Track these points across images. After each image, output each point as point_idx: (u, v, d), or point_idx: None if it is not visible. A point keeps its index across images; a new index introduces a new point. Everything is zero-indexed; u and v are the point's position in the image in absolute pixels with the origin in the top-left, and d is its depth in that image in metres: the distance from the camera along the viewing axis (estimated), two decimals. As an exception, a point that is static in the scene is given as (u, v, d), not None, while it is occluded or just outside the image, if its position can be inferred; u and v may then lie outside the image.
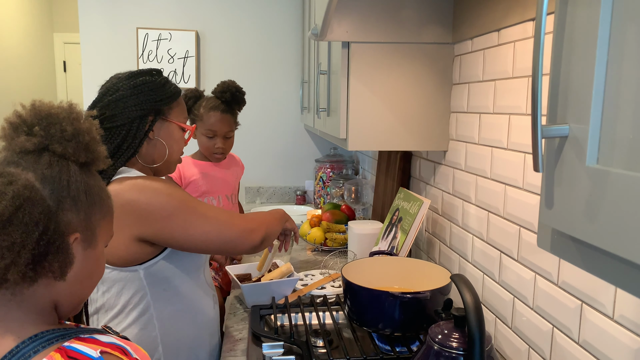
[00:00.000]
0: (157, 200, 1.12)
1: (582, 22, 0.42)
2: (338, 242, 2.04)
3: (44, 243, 0.63)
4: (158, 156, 1.24)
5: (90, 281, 0.74)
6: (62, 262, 0.65)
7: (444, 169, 1.55)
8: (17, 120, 0.67)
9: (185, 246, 1.16)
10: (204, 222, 1.16)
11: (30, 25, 4.77)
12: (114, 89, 1.19)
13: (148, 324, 1.18)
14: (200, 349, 1.27)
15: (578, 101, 0.43)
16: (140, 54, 2.84)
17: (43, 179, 0.65)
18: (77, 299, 0.73)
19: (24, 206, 0.61)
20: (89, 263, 0.71)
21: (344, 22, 1.41)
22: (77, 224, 0.68)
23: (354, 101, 1.47)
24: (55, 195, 0.65)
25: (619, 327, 0.81)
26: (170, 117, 1.24)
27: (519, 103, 1.11)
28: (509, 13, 1.14)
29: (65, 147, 0.68)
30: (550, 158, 0.46)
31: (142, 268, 1.16)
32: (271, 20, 2.94)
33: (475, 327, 0.81)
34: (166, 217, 1.12)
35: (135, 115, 1.17)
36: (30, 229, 0.62)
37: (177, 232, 1.13)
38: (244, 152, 3.02)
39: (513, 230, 1.14)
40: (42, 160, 0.66)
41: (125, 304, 1.16)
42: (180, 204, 1.14)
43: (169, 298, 1.20)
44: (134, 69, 3.05)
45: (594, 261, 0.42)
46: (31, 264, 0.63)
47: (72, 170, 0.68)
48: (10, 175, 0.63)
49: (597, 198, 0.39)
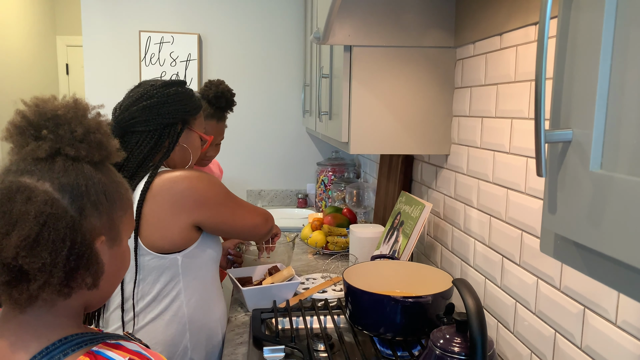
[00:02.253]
0: (213, 188, 1.25)
1: (585, 26, 0.42)
2: (339, 246, 2.04)
3: (74, 258, 0.62)
4: (181, 161, 1.33)
5: (117, 277, 0.73)
6: (93, 273, 0.65)
7: (445, 173, 1.55)
8: (22, 122, 0.64)
9: (227, 230, 1.31)
10: (243, 210, 1.33)
11: (33, 28, 4.78)
12: (148, 95, 1.26)
13: (179, 311, 1.26)
14: (216, 336, 1.35)
15: (581, 106, 0.42)
16: (143, 57, 2.85)
17: (61, 187, 0.62)
18: (105, 295, 0.73)
19: (48, 223, 0.59)
20: (116, 261, 0.71)
21: (346, 26, 1.41)
22: (101, 227, 0.66)
23: (355, 104, 1.47)
24: (77, 204, 0.63)
25: (621, 332, 0.81)
26: (194, 127, 1.34)
27: (521, 107, 1.11)
28: (511, 17, 1.14)
29: (77, 149, 0.65)
30: (553, 163, 0.46)
31: (181, 255, 1.24)
32: (273, 23, 2.95)
33: (477, 331, 0.80)
34: (219, 204, 1.26)
35: (167, 123, 1.26)
36: (58, 246, 0.60)
37: (226, 217, 1.28)
38: (245, 155, 3.03)
39: (515, 235, 1.13)
40: (56, 166, 0.63)
41: (159, 292, 1.24)
42: (227, 193, 1.30)
43: (197, 286, 1.29)
44: (137, 72, 3.03)
45: (597, 267, 0.42)
46: (65, 280, 0.62)
47: (89, 173, 0.66)
48: (29, 190, 0.60)
49: (601, 203, 0.39)
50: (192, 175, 1.22)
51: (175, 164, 1.33)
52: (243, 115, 2.98)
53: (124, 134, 1.23)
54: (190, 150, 1.33)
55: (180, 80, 1.34)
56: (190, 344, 1.27)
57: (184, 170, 1.24)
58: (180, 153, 1.32)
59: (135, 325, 1.23)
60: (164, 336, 1.23)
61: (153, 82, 1.30)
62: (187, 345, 1.26)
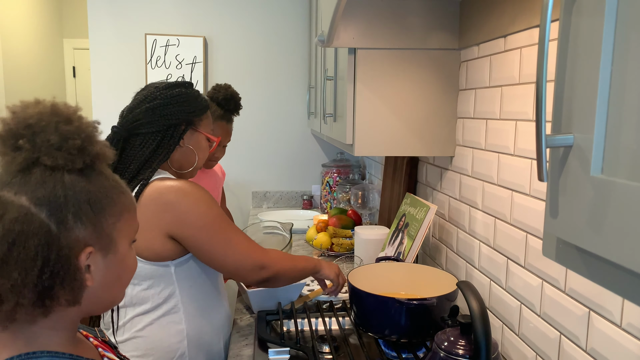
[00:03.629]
0: (197, 209, 1.18)
1: (586, 31, 0.42)
2: (344, 248, 2.04)
3: (47, 277, 0.58)
4: (186, 163, 1.32)
5: (120, 283, 0.70)
6: (71, 290, 0.61)
7: (450, 175, 1.55)
8: (3, 131, 0.60)
9: (203, 258, 1.22)
10: (227, 246, 1.21)
11: (40, 31, 4.82)
12: (151, 97, 1.25)
13: (176, 318, 1.25)
14: (217, 344, 1.33)
15: (582, 110, 0.43)
16: (149, 59, 2.87)
17: (37, 200, 0.59)
18: (108, 303, 0.70)
19: (17, 242, 0.57)
20: (114, 268, 0.67)
21: (350, 29, 1.42)
22: (88, 238, 0.62)
23: (360, 107, 1.47)
24: (56, 217, 0.59)
25: (626, 335, 0.81)
26: (199, 128, 1.32)
27: (526, 109, 1.11)
28: (516, 19, 1.14)
29: (55, 158, 0.60)
30: (554, 167, 0.46)
31: (174, 264, 1.22)
32: (278, 25, 2.96)
33: (481, 334, 0.80)
34: (199, 228, 1.18)
35: (170, 124, 1.25)
36: (28, 265, 0.57)
37: (202, 244, 1.19)
38: (251, 156, 3.04)
39: (520, 237, 1.13)
40: (32, 178, 0.60)
41: (155, 299, 1.23)
42: (213, 220, 1.20)
43: (195, 294, 1.27)
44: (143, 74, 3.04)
45: (600, 271, 0.42)
46: (38, 300, 0.59)
47: (68, 182, 0.61)
48: (3, 205, 0.58)
49: (602, 208, 0.39)
50: (182, 189, 1.18)
51: (181, 165, 1.31)
52: (248, 117, 2.99)
53: (129, 136, 1.24)
54: (195, 151, 1.32)
55: (186, 81, 1.32)
56: (188, 352, 1.25)
57: (180, 182, 1.20)
58: (184, 154, 1.30)
59: (132, 329, 1.22)
60: (160, 342, 1.22)
61: (158, 84, 1.30)
62: (185, 353, 1.25)
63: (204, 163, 1.85)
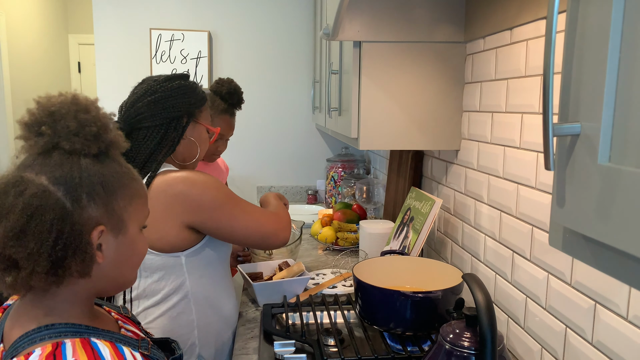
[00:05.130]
0: (208, 193, 1.22)
1: (593, 20, 0.42)
2: (349, 242, 2.04)
3: (60, 248, 0.64)
4: (189, 155, 1.33)
5: (130, 263, 0.75)
6: (82, 262, 0.66)
7: (456, 168, 1.55)
8: (29, 119, 0.68)
9: (227, 236, 1.26)
10: (246, 216, 1.27)
11: (45, 27, 4.84)
12: (152, 90, 1.26)
13: (186, 308, 1.26)
14: (225, 333, 1.35)
15: (590, 99, 0.42)
16: (154, 54, 2.87)
17: (55, 180, 0.65)
18: (120, 282, 0.75)
19: (35, 215, 0.62)
20: (124, 248, 0.73)
21: (355, 22, 1.41)
22: (100, 217, 0.68)
23: (365, 100, 1.47)
24: (70, 195, 0.65)
25: (633, 327, 0.81)
26: (200, 120, 1.33)
27: (532, 102, 1.10)
28: (522, 11, 1.13)
29: (72, 142, 0.67)
30: (562, 156, 0.46)
31: (184, 255, 1.24)
32: (283, 20, 2.95)
33: (486, 326, 0.80)
34: (215, 209, 1.22)
35: (173, 117, 1.26)
36: (44, 236, 0.63)
37: (223, 222, 1.23)
38: (255, 151, 3.04)
39: (526, 230, 1.13)
40: (52, 160, 0.66)
41: (166, 290, 1.24)
42: (227, 198, 1.25)
43: (204, 285, 1.29)
44: (148, 69, 3.05)
45: (607, 260, 0.42)
46: (52, 269, 0.64)
47: (84, 165, 0.68)
48: (23, 184, 0.64)
49: (609, 196, 0.39)
50: (188, 178, 1.21)
51: (184, 157, 1.32)
52: (253, 112, 2.99)
53: (131, 130, 1.24)
54: (197, 143, 1.33)
55: (182, 73, 1.33)
56: (198, 342, 1.28)
57: (184, 172, 1.23)
58: (187, 146, 1.31)
59: (142, 321, 1.24)
60: (171, 333, 1.24)
61: (156, 77, 1.30)
62: (195, 343, 1.27)
63: (207, 157, 1.87)
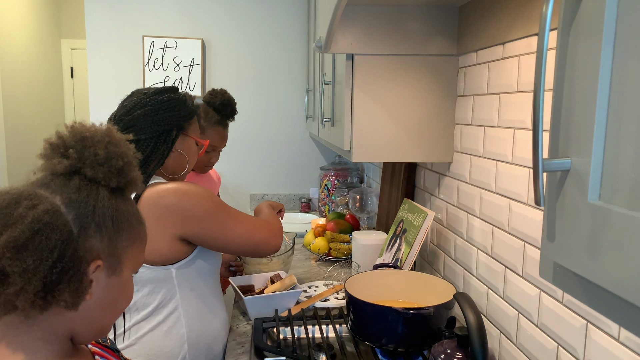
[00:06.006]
0: (200, 203, 1.22)
1: (583, 56, 0.41)
2: (342, 252, 2.03)
3: (57, 271, 0.61)
4: (178, 167, 1.33)
5: (114, 309, 0.72)
6: (74, 292, 0.63)
7: (448, 181, 1.55)
8: (57, 141, 0.67)
9: (221, 246, 1.27)
10: (239, 225, 1.28)
11: (37, 31, 4.81)
12: (141, 103, 1.26)
13: (177, 322, 1.26)
14: (216, 347, 1.34)
15: (580, 133, 0.42)
16: (147, 61, 2.86)
17: (69, 202, 0.64)
18: (99, 326, 0.71)
19: (41, 231, 0.60)
20: (113, 290, 0.70)
21: (348, 34, 1.41)
22: (100, 251, 0.66)
23: (358, 112, 1.47)
24: (79, 221, 0.64)
25: (624, 348, 0.80)
26: (189, 132, 1.33)
27: (524, 117, 1.10)
28: (514, 27, 1.13)
29: (96, 171, 0.67)
30: (552, 190, 0.45)
31: (175, 267, 1.24)
32: (276, 28, 2.95)
33: (478, 347, 0.80)
34: (208, 219, 1.22)
35: (162, 130, 1.26)
36: (45, 255, 0.60)
37: (217, 233, 1.24)
38: (249, 159, 3.03)
39: (518, 246, 1.13)
40: (71, 183, 0.66)
41: (156, 303, 1.24)
42: (219, 208, 1.25)
43: (194, 297, 1.29)
44: (140, 76, 3.02)
45: (596, 298, 0.41)
46: (41, 291, 0.61)
47: (101, 196, 0.67)
48: (37, 198, 0.62)
49: (599, 235, 0.38)
50: (179, 190, 1.21)
51: (173, 170, 1.32)
52: (247, 120, 2.98)
53: None
54: (186, 156, 1.33)
55: (172, 86, 1.33)
56: (189, 355, 1.27)
57: (174, 183, 1.23)
58: (176, 159, 1.31)
59: (133, 336, 1.23)
60: (161, 347, 1.23)
61: (145, 90, 1.30)
62: (186, 357, 1.26)
63: (200, 168, 1.86)
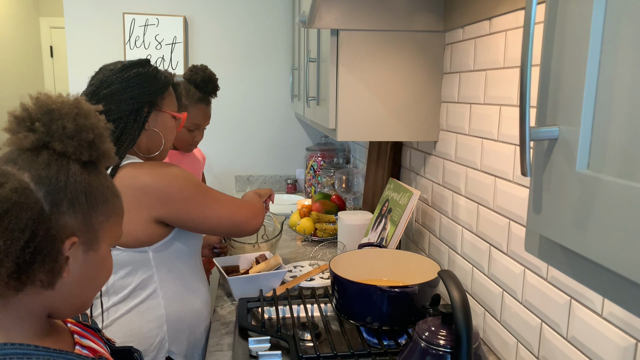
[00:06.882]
0: (176, 184, 1.18)
1: (573, 18, 0.39)
2: (328, 233, 2.02)
3: (30, 251, 0.59)
4: (154, 146, 1.28)
5: (93, 284, 0.70)
6: (49, 271, 0.62)
7: (434, 160, 1.53)
8: (22, 114, 0.63)
9: (200, 227, 1.24)
10: (217, 205, 1.25)
11: (15, 9, 4.66)
12: (107, 82, 1.19)
13: (155, 304, 1.24)
14: (197, 328, 1.32)
15: (569, 101, 0.40)
16: (127, 39, 2.78)
17: (39, 179, 0.61)
18: (78, 302, 0.70)
19: (11, 211, 0.58)
20: (91, 266, 0.68)
21: (332, 9, 1.38)
22: (75, 227, 0.64)
23: (343, 90, 1.44)
24: (51, 197, 0.61)
25: (607, 324, 0.80)
26: (163, 107, 1.26)
27: (510, 94, 1.09)
28: (501, 1, 1.11)
29: (65, 145, 0.63)
30: (538, 161, 0.43)
31: (151, 249, 1.21)
32: (260, 5, 2.88)
33: (462, 325, 0.79)
34: (184, 200, 1.19)
35: (132, 109, 1.20)
36: (15, 235, 0.58)
37: (194, 213, 1.21)
38: (233, 140, 2.99)
39: (503, 223, 1.12)
40: (40, 159, 0.62)
41: (134, 285, 1.21)
42: (196, 188, 1.21)
43: (173, 279, 1.26)
44: (121, 55, 2.95)
45: (583, 270, 0.40)
46: (15, 273, 0.59)
47: (72, 170, 0.64)
48: (4, 176, 0.59)
49: (587, 206, 0.37)
50: (154, 170, 1.17)
51: (148, 149, 1.26)
52: (231, 100, 2.93)
53: None
54: (162, 132, 1.26)
55: (141, 59, 1.24)
56: (168, 337, 1.25)
57: (150, 164, 1.18)
58: (150, 137, 1.25)
59: (110, 317, 1.20)
60: (139, 328, 1.21)
61: (112, 66, 1.23)
62: (165, 338, 1.24)
63: (184, 147, 1.82)
